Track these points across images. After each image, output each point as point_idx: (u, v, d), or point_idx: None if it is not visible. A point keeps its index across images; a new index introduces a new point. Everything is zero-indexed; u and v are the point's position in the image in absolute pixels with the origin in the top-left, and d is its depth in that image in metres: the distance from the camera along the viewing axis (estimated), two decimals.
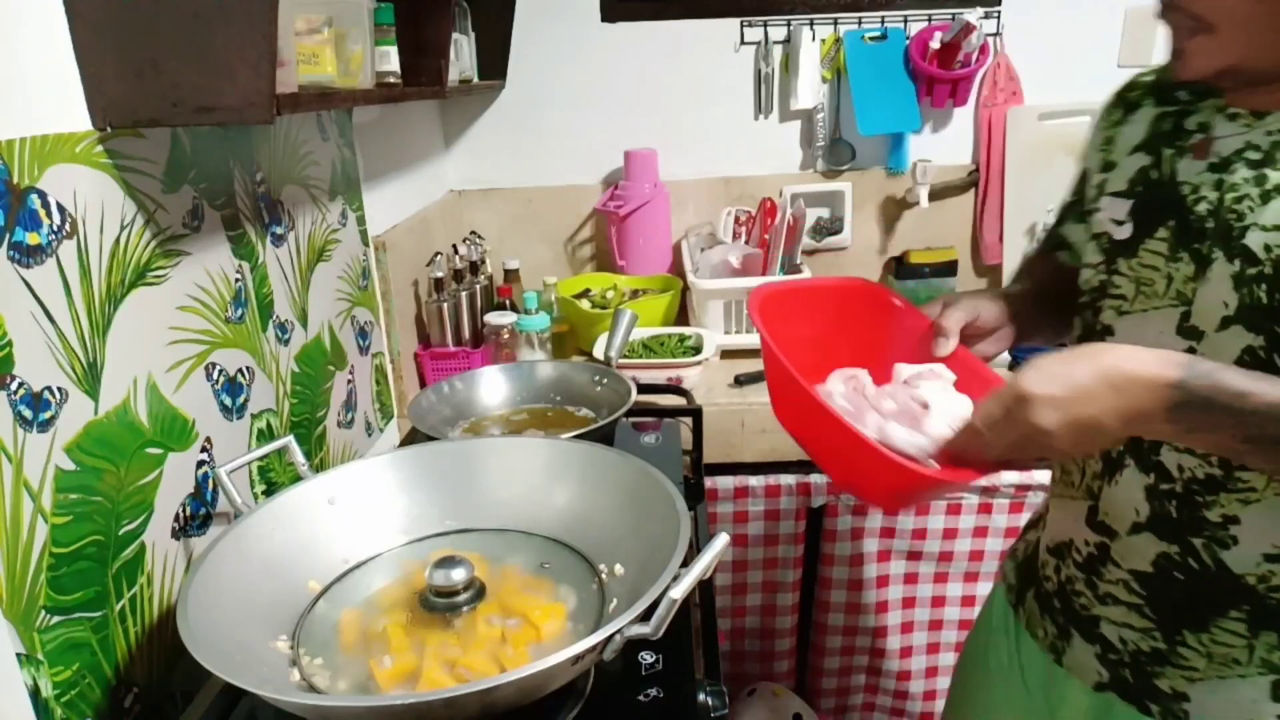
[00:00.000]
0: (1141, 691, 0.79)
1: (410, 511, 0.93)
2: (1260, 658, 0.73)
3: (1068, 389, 0.59)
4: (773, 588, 1.69)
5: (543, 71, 2.06)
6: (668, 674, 0.80)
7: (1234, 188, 0.69)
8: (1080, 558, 0.84)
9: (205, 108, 0.77)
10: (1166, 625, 0.77)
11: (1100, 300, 0.80)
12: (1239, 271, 0.68)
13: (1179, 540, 0.75)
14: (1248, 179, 0.68)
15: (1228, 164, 0.70)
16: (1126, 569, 0.79)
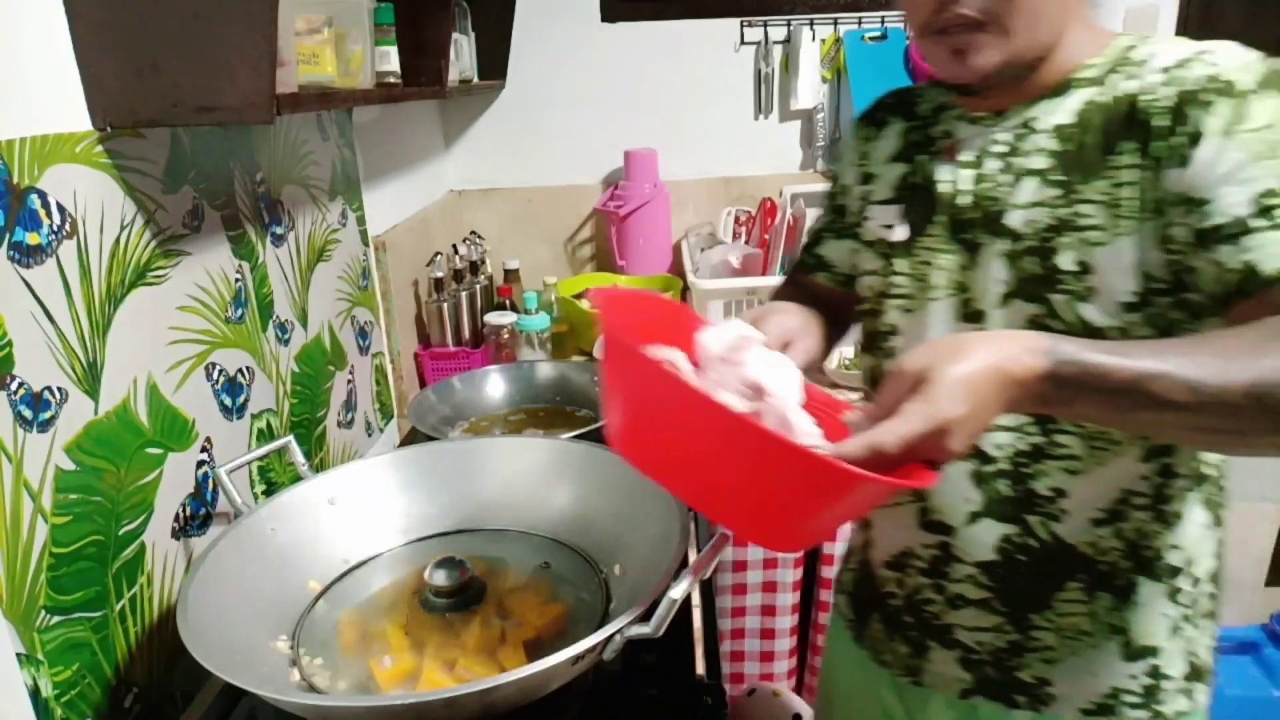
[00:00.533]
0: (1007, 686, 0.80)
1: (410, 511, 0.93)
2: (1104, 622, 0.76)
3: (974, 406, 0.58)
4: (773, 588, 1.68)
5: (543, 71, 2.06)
6: (668, 674, 0.80)
7: (988, 179, 0.76)
8: (924, 564, 0.83)
9: (205, 108, 0.77)
10: (1016, 615, 0.79)
11: (884, 301, 0.84)
12: (1008, 249, 0.73)
13: (1017, 520, 0.77)
14: (998, 169, 0.75)
15: (979, 160, 0.77)
16: (971, 563, 0.79)
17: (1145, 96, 0.67)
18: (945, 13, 0.69)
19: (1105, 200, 0.69)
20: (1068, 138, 0.71)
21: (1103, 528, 0.75)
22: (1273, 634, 1.76)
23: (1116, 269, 0.68)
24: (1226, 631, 1.75)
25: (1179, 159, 0.64)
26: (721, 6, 2.01)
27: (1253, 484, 1.75)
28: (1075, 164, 0.71)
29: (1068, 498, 0.74)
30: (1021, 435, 0.75)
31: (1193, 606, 0.78)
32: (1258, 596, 1.85)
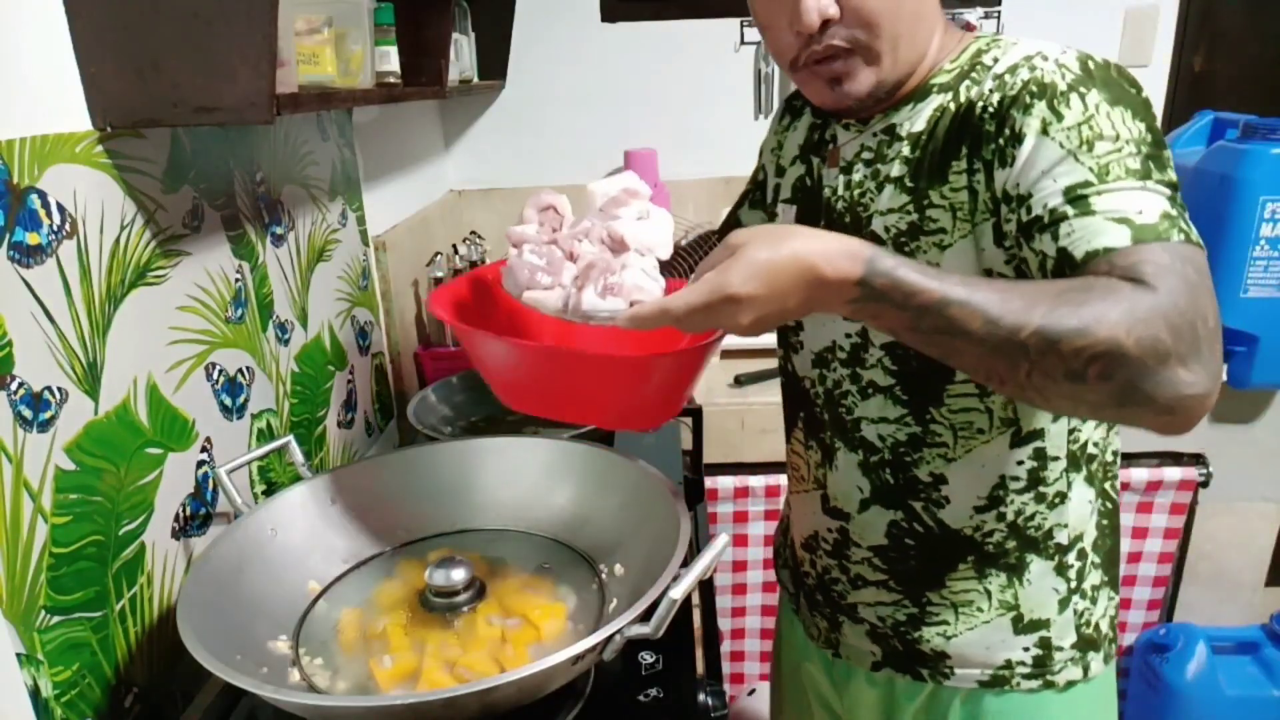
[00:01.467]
0: (911, 658, 0.85)
1: (410, 511, 0.93)
2: (997, 600, 0.81)
3: (770, 289, 0.61)
4: (772, 588, 1.68)
5: (543, 71, 2.06)
6: (668, 674, 0.80)
7: (858, 185, 0.79)
8: (829, 546, 0.89)
9: (205, 108, 0.77)
10: (912, 592, 0.84)
11: None
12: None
13: (902, 506, 0.82)
14: (865, 176, 0.78)
15: (851, 166, 0.80)
16: (866, 547, 0.85)
17: (979, 103, 0.70)
18: (813, 46, 0.72)
19: (946, 205, 0.72)
20: (919, 145, 0.74)
21: (985, 513, 0.80)
22: (1273, 634, 1.76)
23: (963, 268, 0.71)
24: (1226, 631, 1.75)
25: (1005, 159, 0.67)
26: (721, 6, 2.00)
27: (1253, 484, 1.75)
28: (924, 171, 0.74)
29: (947, 484, 0.80)
30: (900, 426, 0.80)
31: (1082, 579, 0.82)
32: (1258, 596, 1.85)
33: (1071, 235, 0.63)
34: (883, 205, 0.76)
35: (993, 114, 0.69)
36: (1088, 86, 0.65)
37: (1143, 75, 2.05)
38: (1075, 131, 0.64)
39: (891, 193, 0.76)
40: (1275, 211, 1.47)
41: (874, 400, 0.81)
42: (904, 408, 0.79)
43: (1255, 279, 1.51)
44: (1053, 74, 0.66)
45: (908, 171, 0.75)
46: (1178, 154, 1.67)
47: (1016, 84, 0.68)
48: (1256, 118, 1.55)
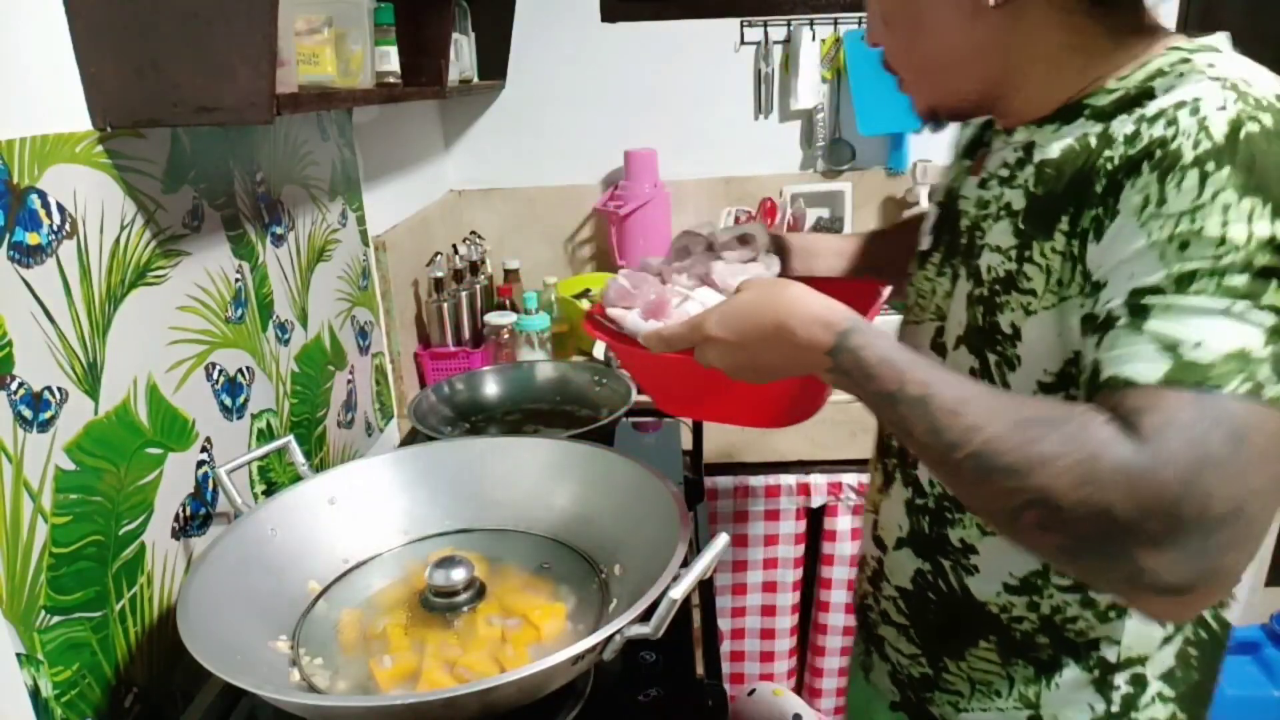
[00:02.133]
0: (922, 715, 0.81)
1: (410, 511, 0.93)
2: (1019, 691, 0.74)
3: (740, 337, 0.63)
4: (773, 588, 1.69)
5: (543, 71, 2.06)
6: (668, 674, 0.80)
7: (985, 204, 0.70)
8: (869, 572, 0.86)
9: (205, 108, 0.77)
10: (930, 651, 0.79)
11: (905, 313, 0.83)
12: (970, 291, 0.69)
13: (930, 558, 0.77)
14: (994, 197, 0.69)
15: (988, 181, 0.71)
16: (894, 585, 0.81)
17: (1108, 151, 0.58)
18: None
19: (1043, 265, 0.62)
20: (1044, 180, 0.64)
21: (1015, 596, 0.71)
22: (1273, 634, 1.76)
23: (1041, 342, 0.63)
24: None
25: (1099, 232, 0.57)
26: (721, 6, 2.01)
27: None
28: (1038, 215, 0.63)
29: (977, 554, 0.73)
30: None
31: (1131, 708, 0.71)
32: (1258, 596, 1.85)
33: (1111, 350, 0.53)
34: (993, 239, 0.67)
35: (1108, 173, 0.57)
36: (1220, 163, 0.51)
37: None
38: (1173, 222, 0.52)
39: (1004, 228, 0.66)
40: None
41: None
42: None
43: None
44: (1186, 137, 0.53)
45: (1024, 209, 0.65)
46: None
47: (1143, 141, 0.55)
48: None
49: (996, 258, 0.66)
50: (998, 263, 0.66)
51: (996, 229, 0.68)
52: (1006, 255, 0.65)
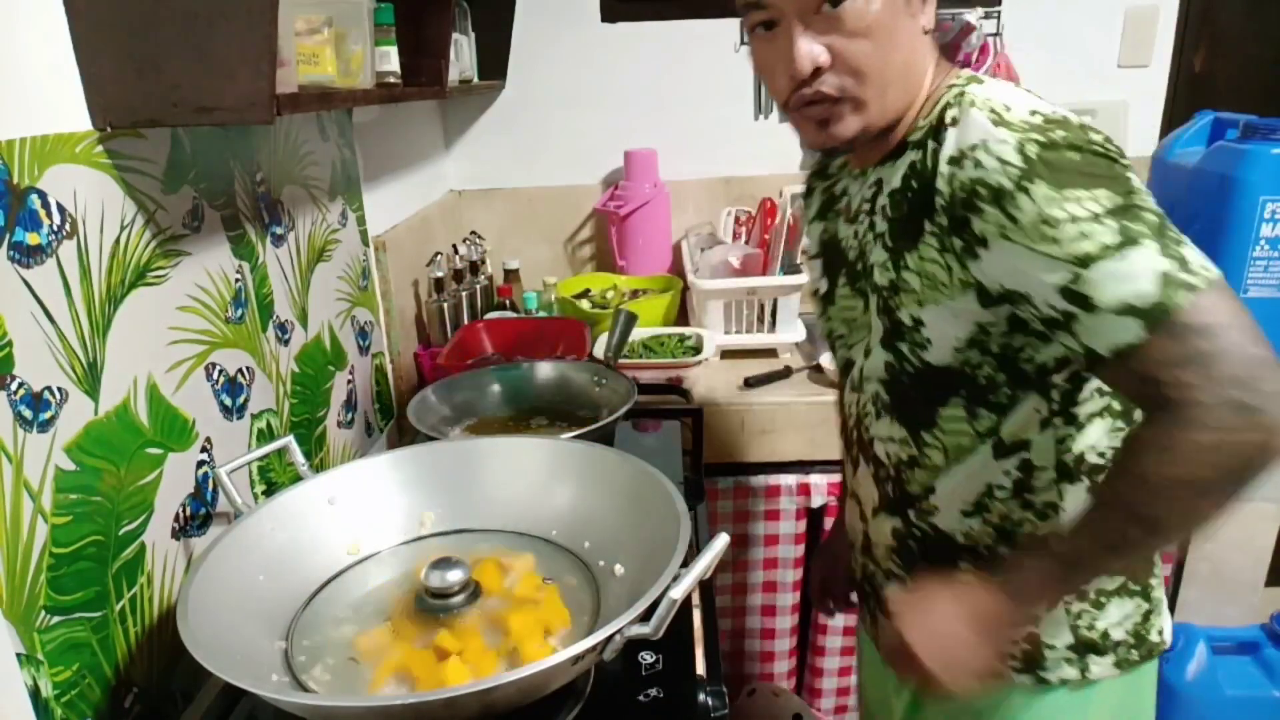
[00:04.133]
0: None
1: (410, 511, 0.93)
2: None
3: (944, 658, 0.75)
4: (773, 588, 1.68)
5: (543, 71, 2.06)
6: (668, 674, 0.80)
7: (863, 235, 0.84)
8: (860, 544, 0.98)
9: (205, 108, 0.77)
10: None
11: (836, 343, 0.95)
12: (875, 303, 0.83)
13: (900, 514, 0.89)
14: (866, 227, 0.83)
15: (857, 216, 0.86)
16: (884, 546, 0.93)
17: (936, 186, 0.72)
18: (804, 90, 0.75)
19: (918, 271, 0.76)
20: (896, 204, 0.78)
21: (971, 519, 0.84)
22: (1273, 634, 1.76)
23: (944, 321, 0.76)
24: (1226, 631, 1.75)
25: (973, 253, 0.71)
26: (721, 6, 2.00)
27: None
28: (898, 232, 0.78)
29: (934, 494, 0.85)
30: (902, 446, 0.86)
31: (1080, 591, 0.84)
32: (1258, 596, 1.85)
33: (1090, 335, 0.67)
34: (876, 258, 0.81)
35: (946, 209, 0.71)
36: (1032, 179, 0.66)
37: (1143, 75, 2.05)
38: (1035, 231, 0.66)
39: (879, 248, 0.81)
40: (1275, 211, 1.47)
41: (883, 420, 0.87)
42: (905, 428, 0.85)
43: (1255, 279, 1.51)
44: (997, 174, 0.67)
45: (888, 230, 0.79)
46: (1178, 154, 1.66)
47: (965, 182, 0.69)
48: (1256, 118, 1.55)
49: (881, 272, 0.81)
50: (882, 276, 0.81)
51: (875, 251, 0.82)
52: (885, 268, 0.80)
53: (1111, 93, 2.04)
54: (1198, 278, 0.63)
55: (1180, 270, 0.64)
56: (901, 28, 0.74)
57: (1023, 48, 2.02)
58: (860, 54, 0.73)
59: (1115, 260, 0.64)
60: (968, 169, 0.69)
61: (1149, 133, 2.07)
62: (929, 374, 0.79)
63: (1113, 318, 0.65)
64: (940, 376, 0.79)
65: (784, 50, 0.74)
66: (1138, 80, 2.05)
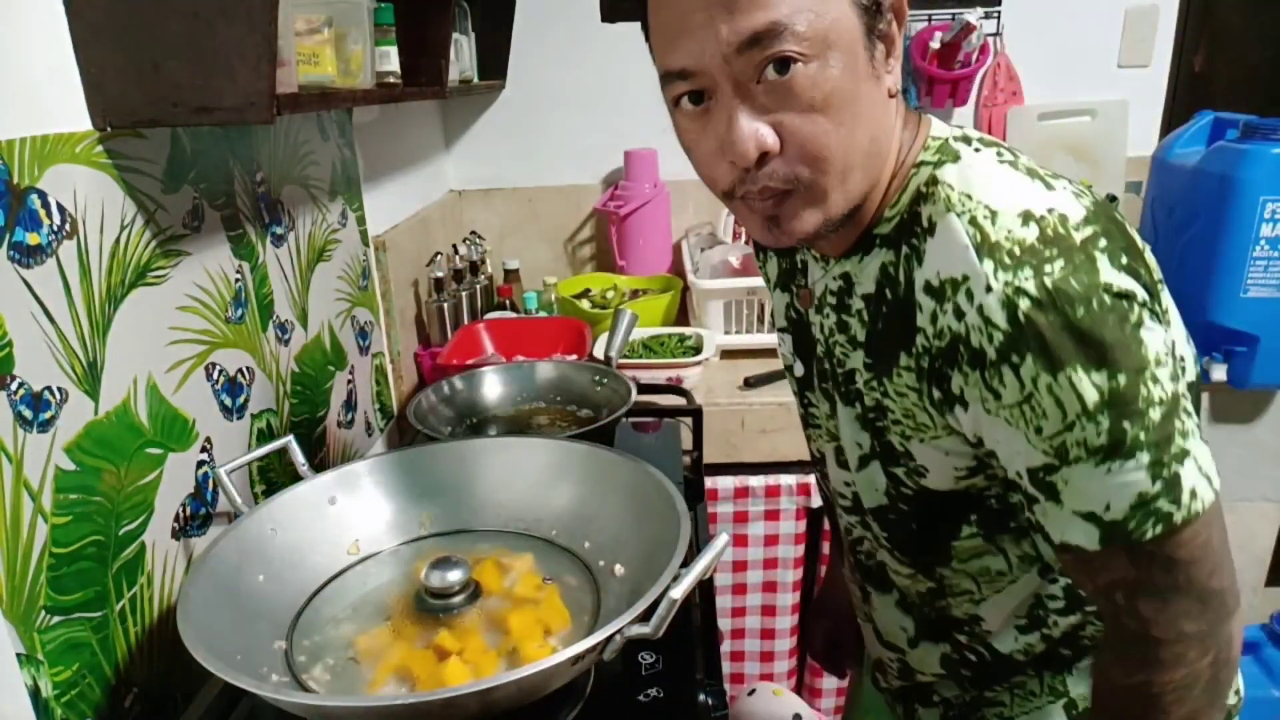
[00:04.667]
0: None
1: (410, 511, 0.92)
2: (1048, 685, 0.78)
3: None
4: (773, 588, 1.68)
5: (543, 71, 2.06)
6: (668, 674, 0.80)
7: (831, 331, 0.73)
8: (895, 671, 0.88)
9: (205, 108, 0.77)
10: (976, 688, 0.81)
11: (808, 430, 0.86)
12: (855, 413, 0.72)
13: (948, 639, 0.80)
14: (835, 325, 0.72)
15: (822, 306, 0.73)
16: (930, 673, 0.83)
17: (916, 317, 0.62)
18: (748, 184, 0.61)
19: (899, 404, 0.67)
20: (872, 315, 0.67)
21: (1028, 634, 0.76)
22: (1273, 634, 1.76)
23: (937, 457, 0.67)
24: None
25: (949, 407, 0.63)
26: None
27: (1253, 484, 1.75)
28: (876, 350, 0.67)
29: (983, 621, 0.77)
30: (914, 580, 0.78)
31: None
32: (1258, 597, 1.85)
33: (1046, 518, 0.61)
34: (854, 365, 0.71)
35: (925, 354, 0.62)
36: (1020, 353, 0.55)
37: (1143, 75, 2.05)
38: (1018, 410, 0.57)
39: (857, 358, 0.70)
40: (1275, 211, 1.47)
41: (884, 553, 0.79)
42: (912, 567, 0.77)
43: (1255, 279, 1.51)
44: (979, 335, 0.57)
45: (865, 343, 0.69)
46: (1178, 154, 1.66)
47: (945, 333, 0.59)
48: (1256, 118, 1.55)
49: (862, 384, 0.70)
50: (865, 389, 0.70)
51: (852, 358, 0.71)
52: (868, 386, 0.69)
53: (1111, 93, 2.04)
54: (1180, 510, 0.56)
55: (1164, 497, 0.56)
56: (865, 96, 0.59)
57: (1023, 48, 2.02)
58: (817, 134, 0.58)
59: (1096, 469, 0.56)
60: (948, 316, 0.59)
61: (1149, 133, 2.07)
62: (933, 499, 0.70)
63: (1073, 516, 0.59)
64: (947, 499, 0.69)
65: (720, 131, 0.59)
66: (1138, 80, 2.06)
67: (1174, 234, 1.62)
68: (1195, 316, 1.54)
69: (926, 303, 0.61)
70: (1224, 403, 1.69)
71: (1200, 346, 1.56)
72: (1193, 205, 1.57)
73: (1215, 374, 1.58)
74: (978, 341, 0.57)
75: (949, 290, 0.59)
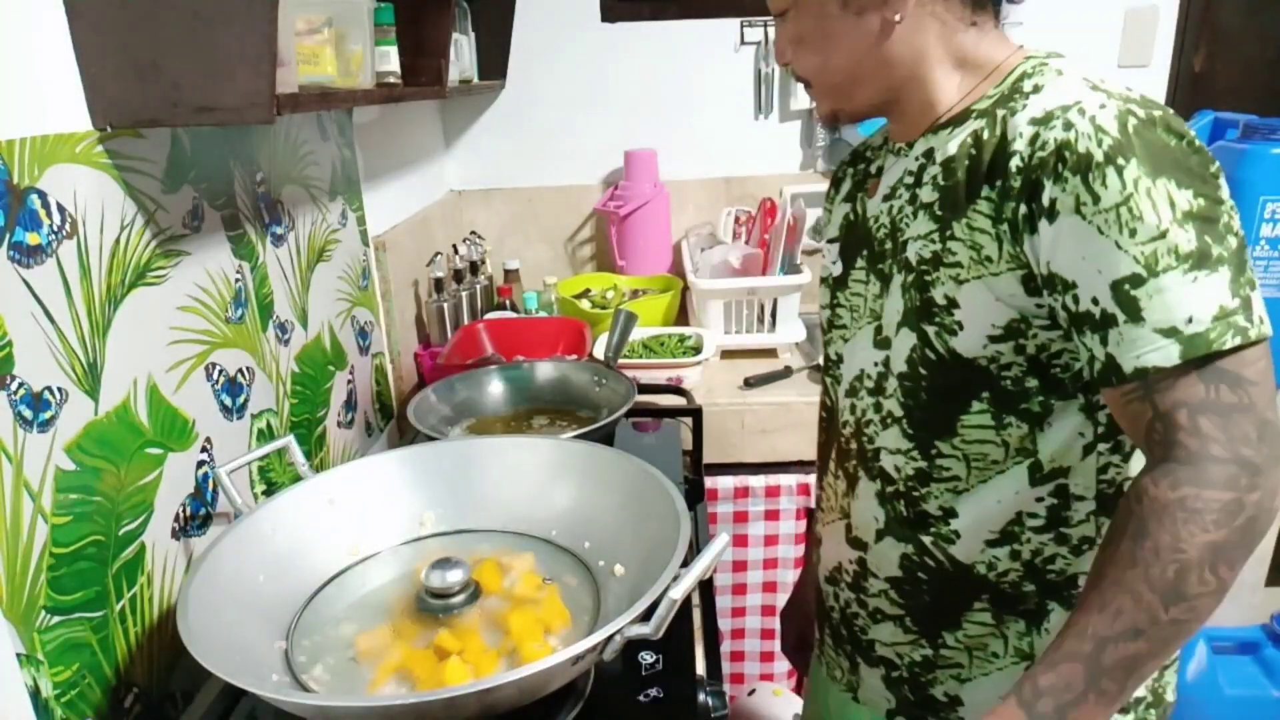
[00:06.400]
0: (923, 706, 0.83)
1: (410, 511, 0.92)
2: (1014, 647, 0.78)
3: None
4: (773, 588, 1.69)
5: (543, 71, 2.06)
6: (668, 674, 0.80)
7: (898, 211, 0.79)
8: (849, 578, 0.88)
9: (205, 108, 0.77)
10: (928, 631, 0.82)
11: (831, 333, 0.90)
12: (904, 280, 0.77)
13: (913, 540, 0.81)
14: (905, 201, 0.79)
15: (894, 193, 0.81)
16: (883, 578, 0.84)
17: (1010, 148, 0.67)
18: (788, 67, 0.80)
19: (967, 240, 0.71)
20: (951, 172, 0.73)
21: (997, 548, 0.76)
22: (1273, 634, 1.76)
23: (982, 305, 0.70)
24: (1226, 631, 1.75)
25: (1031, 226, 0.66)
26: (721, 6, 2.01)
27: None
28: (949, 200, 0.73)
29: (957, 518, 0.77)
30: (909, 459, 0.79)
31: None
32: (1258, 596, 1.85)
33: (1120, 345, 0.62)
34: (916, 230, 0.76)
35: (1020, 171, 0.66)
36: (1126, 157, 0.61)
37: (1143, 75, 2.05)
38: (1114, 214, 0.61)
39: (924, 218, 0.75)
40: (1275, 211, 1.47)
41: (891, 431, 0.80)
42: (911, 441, 0.78)
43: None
44: (1088, 140, 0.62)
45: (938, 198, 0.74)
46: None
47: (1049, 143, 0.64)
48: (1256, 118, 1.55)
49: (920, 244, 0.75)
50: (922, 247, 0.75)
51: (916, 223, 0.76)
52: (929, 239, 0.74)
53: None
54: (1254, 328, 0.60)
55: (1241, 313, 0.60)
56: (840, 32, 0.75)
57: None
58: (799, 58, 0.78)
59: (1184, 276, 0.60)
60: (1055, 129, 0.64)
61: None
62: (953, 367, 0.73)
63: (1153, 335, 0.60)
64: (964, 372, 0.72)
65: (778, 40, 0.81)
66: (1138, 80, 2.05)
67: None
68: None
69: (1027, 130, 0.66)
70: None
71: None
72: None
73: None
74: (1085, 146, 0.62)
75: (1059, 112, 0.65)
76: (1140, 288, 0.60)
